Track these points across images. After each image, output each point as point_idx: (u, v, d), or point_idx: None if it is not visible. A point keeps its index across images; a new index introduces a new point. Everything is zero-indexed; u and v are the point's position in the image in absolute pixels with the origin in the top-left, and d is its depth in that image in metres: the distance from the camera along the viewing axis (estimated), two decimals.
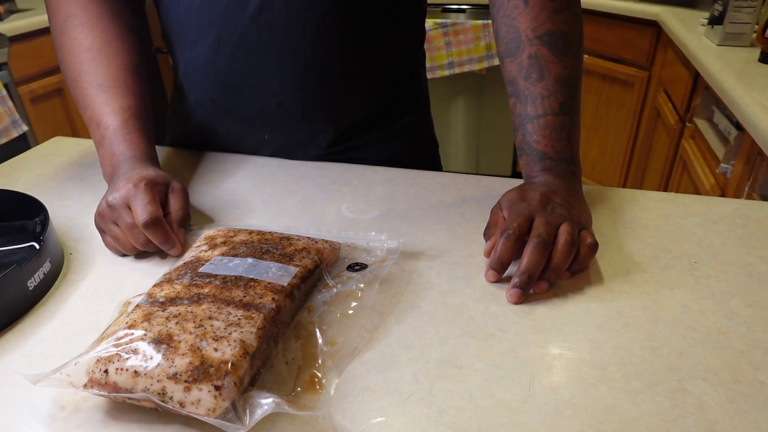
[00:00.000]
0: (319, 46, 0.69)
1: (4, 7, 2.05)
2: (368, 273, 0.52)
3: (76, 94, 0.66)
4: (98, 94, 0.65)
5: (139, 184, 0.56)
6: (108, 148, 0.63)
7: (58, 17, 0.68)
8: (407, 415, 0.39)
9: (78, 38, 0.66)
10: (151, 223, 0.54)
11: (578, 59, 0.62)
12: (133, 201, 0.55)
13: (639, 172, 2.04)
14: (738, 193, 1.17)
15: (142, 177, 0.57)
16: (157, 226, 0.55)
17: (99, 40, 0.66)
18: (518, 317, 0.48)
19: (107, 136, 0.63)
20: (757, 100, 1.08)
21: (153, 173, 0.59)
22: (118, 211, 0.56)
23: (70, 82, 0.67)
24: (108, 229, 0.57)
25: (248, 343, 0.40)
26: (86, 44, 0.66)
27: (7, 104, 1.81)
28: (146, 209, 0.54)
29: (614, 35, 2.05)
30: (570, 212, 0.54)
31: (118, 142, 0.63)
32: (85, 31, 0.66)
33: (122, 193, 0.56)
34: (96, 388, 0.38)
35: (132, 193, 0.56)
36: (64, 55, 0.67)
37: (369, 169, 0.74)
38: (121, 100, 0.65)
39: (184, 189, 0.61)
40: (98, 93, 0.65)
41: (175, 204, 0.59)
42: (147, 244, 0.56)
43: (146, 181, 0.57)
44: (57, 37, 0.68)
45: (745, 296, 0.50)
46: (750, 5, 1.42)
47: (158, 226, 0.55)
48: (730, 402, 0.40)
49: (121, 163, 0.62)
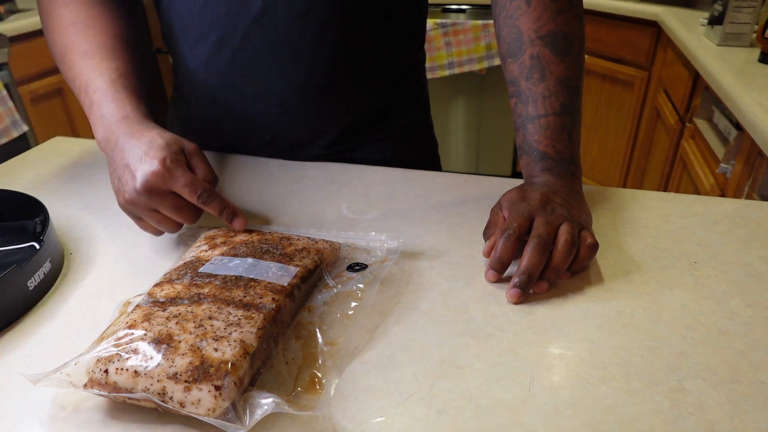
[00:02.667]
0: (321, 47, 0.69)
1: (4, 7, 2.05)
2: (368, 273, 0.52)
3: (65, 69, 0.64)
4: (85, 61, 0.62)
5: (164, 161, 0.52)
6: (98, 112, 0.59)
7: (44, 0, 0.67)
8: (407, 415, 0.39)
9: (63, 14, 0.65)
10: (207, 197, 0.53)
11: (580, 60, 0.62)
12: (171, 183, 0.52)
13: (639, 172, 2.04)
14: (738, 193, 1.17)
15: (157, 150, 0.53)
16: (214, 197, 0.53)
17: (85, 14, 0.65)
18: (518, 317, 0.48)
19: (95, 99, 0.59)
20: (756, 100, 1.08)
21: (162, 141, 0.54)
22: (156, 197, 0.52)
23: (58, 60, 0.65)
24: (146, 215, 0.54)
25: (248, 343, 0.40)
26: (71, 18, 0.64)
27: (8, 104, 1.81)
28: (194, 186, 0.52)
29: (614, 35, 2.05)
30: (570, 212, 0.54)
31: (107, 102, 0.58)
32: (70, 7, 0.65)
33: (150, 177, 0.52)
34: (96, 388, 0.38)
35: (164, 174, 0.52)
36: (50, 34, 0.66)
37: (369, 169, 0.74)
38: (108, 63, 0.61)
39: (199, 149, 0.58)
40: (85, 60, 0.62)
41: (199, 168, 0.56)
42: (197, 219, 0.55)
43: (169, 155, 0.53)
44: (44, 18, 0.67)
45: (745, 296, 0.50)
46: (750, 5, 1.42)
47: (214, 196, 0.54)
48: (730, 402, 0.40)
49: (115, 125, 0.57)
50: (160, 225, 0.55)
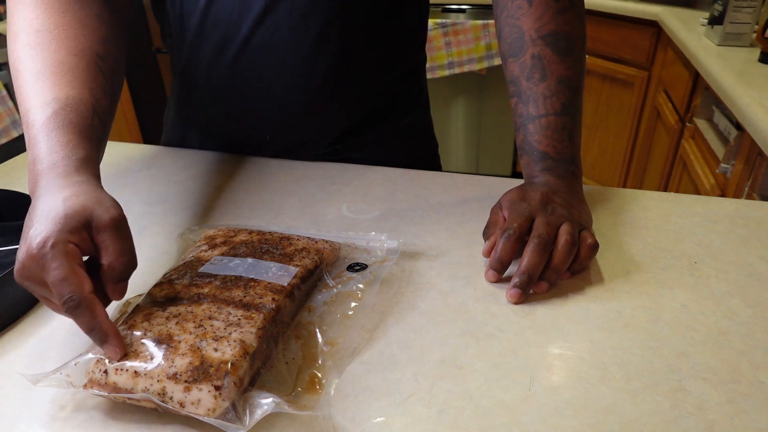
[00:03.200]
0: (322, 47, 0.69)
1: (4, 7, 2.05)
2: (368, 273, 0.52)
3: (17, 85, 0.51)
4: (33, 83, 0.49)
5: (43, 247, 0.39)
6: (31, 153, 0.47)
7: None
8: (407, 415, 0.39)
9: (28, 18, 0.53)
10: (74, 307, 0.38)
11: (581, 60, 0.62)
12: (43, 274, 0.39)
13: (639, 172, 2.04)
14: (738, 193, 1.17)
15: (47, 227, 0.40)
16: (83, 310, 0.38)
17: (53, 21, 0.53)
18: (518, 317, 0.48)
19: (32, 136, 0.47)
20: (757, 100, 1.08)
21: (62, 212, 0.41)
22: (35, 287, 0.41)
23: (12, 76, 0.52)
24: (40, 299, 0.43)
25: (248, 343, 0.40)
26: (36, 25, 0.52)
27: (7, 104, 1.81)
28: (61, 288, 0.38)
29: (614, 35, 2.05)
30: (570, 212, 0.55)
31: (40, 142, 0.46)
32: (37, 11, 0.53)
33: (26, 263, 0.40)
34: (96, 389, 0.38)
35: (36, 261, 0.39)
36: (9, 41, 0.54)
37: (369, 169, 0.74)
38: (57, 89, 0.49)
39: (117, 222, 0.42)
40: (34, 82, 0.49)
41: (108, 249, 0.42)
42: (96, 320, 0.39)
43: (52, 238, 0.39)
44: (8, 19, 0.55)
45: (745, 296, 0.50)
46: (750, 5, 1.42)
47: (83, 309, 0.38)
48: (730, 402, 0.40)
49: (40, 174, 0.45)
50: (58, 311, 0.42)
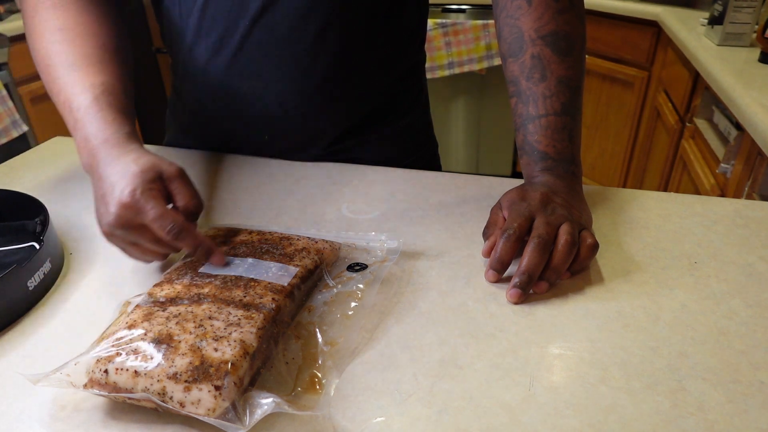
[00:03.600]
0: (321, 47, 0.69)
1: (4, 7, 2.05)
2: (368, 273, 0.52)
3: (48, 81, 0.59)
4: (69, 74, 0.57)
5: (134, 194, 0.48)
6: (81, 132, 0.54)
7: (29, 1, 0.63)
8: (407, 415, 0.39)
9: (49, 19, 0.60)
10: (178, 232, 0.48)
11: (581, 60, 0.62)
12: (141, 216, 0.48)
13: (639, 172, 2.04)
14: (738, 193, 1.17)
15: (129, 181, 0.49)
16: (186, 232, 0.48)
17: (73, 20, 0.60)
18: (518, 317, 0.48)
19: (79, 118, 0.55)
20: (757, 100, 1.08)
21: (137, 169, 0.49)
22: (130, 230, 0.49)
23: (41, 69, 0.60)
24: (127, 248, 0.52)
25: (248, 343, 0.40)
26: (58, 24, 0.60)
27: (7, 104, 1.81)
28: (163, 222, 0.47)
29: (614, 35, 2.05)
30: (570, 212, 0.55)
31: (89, 123, 0.54)
32: (57, 12, 0.61)
33: (121, 212, 0.48)
34: (96, 388, 0.38)
35: (132, 207, 0.48)
36: (34, 40, 0.61)
37: (369, 169, 0.74)
38: (93, 77, 0.57)
39: (181, 172, 0.52)
40: (69, 73, 0.57)
41: (181, 194, 0.52)
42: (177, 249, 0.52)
43: (139, 187, 0.48)
44: (28, 21, 0.63)
45: (745, 296, 0.50)
46: (750, 5, 1.42)
47: (186, 232, 0.48)
48: (730, 402, 0.40)
49: (96, 149, 0.53)
50: (145, 256, 0.52)
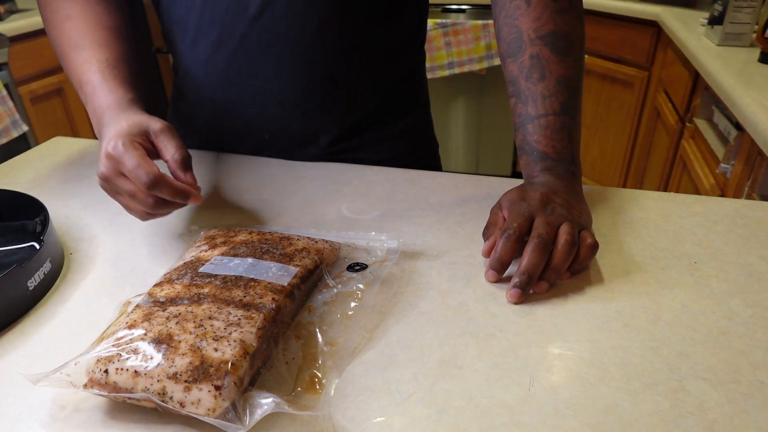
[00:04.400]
0: (320, 46, 0.69)
1: (4, 7, 2.05)
2: (368, 273, 0.52)
3: (65, 66, 0.66)
4: (78, 54, 0.64)
5: (117, 146, 0.51)
6: (91, 105, 0.60)
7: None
8: (407, 415, 0.39)
9: (59, 10, 0.67)
10: (152, 183, 0.50)
11: (580, 60, 0.62)
12: (120, 166, 0.51)
13: (639, 172, 2.04)
14: (738, 193, 1.17)
15: (116, 135, 0.52)
16: (161, 183, 0.50)
17: (79, 7, 0.67)
18: (518, 317, 0.48)
19: (89, 93, 0.61)
20: (757, 100, 1.08)
21: (125, 125, 0.54)
22: (112, 182, 0.52)
23: (59, 57, 0.67)
24: (118, 199, 0.54)
25: (248, 343, 0.40)
26: (66, 12, 0.66)
27: (7, 104, 1.81)
28: (137, 172, 0.50)
29: (614, 35, 2.05)
30: (570, 212, 0.55)
31: (97, 95, 0.60)
32: (66, 2, 0.67)
33: (106, 162, 0.52)
34: (96, 388, 0.38)
35: (113, 158, 0.51)
36: (49, 30, 0.68)
37: (369, 169, 0.74)
38: (99, 54, 0.63)
39: (167, 126, 0.55)
40: (78, 53, 0.64)
41: (167, 147, 0.54)
42: (157, 205, 0.52)
43: (122, 139, 0.52)
44: (42, 13, 0.69)
45: (745, 296, 0.50)
46: (750, 5, 1.42)
47: (161, 182, 0.50)
48: (730, 402, 0.40)
49: (102, 116, 0.58)
50: (128, 209, 0.54)
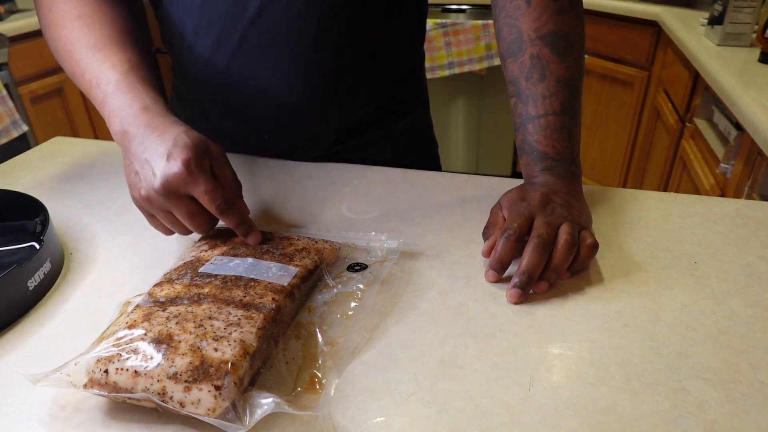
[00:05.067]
0: (319, 47, 0.69)
1: (4, 7, 2.05)
2: (368, 273, 0.52)
3: (72, 65, 0.61)
4: (94, 54, 0.60)
5: (188, 162, 0.49)
6: (113, 104, 0.56)
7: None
8: (407, 415, 0.39)
9: (66, 9, 0.63)
10: (226, 208, 0.51)
11: (580, 60, 0.62)
12: (192, 187, 0.50)
13: (639, 172, 2.04)
14: (738, 193, 1.17)
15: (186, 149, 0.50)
16: (233, 209, 0.51)
17: (89, 7, 0.63)
18: (518, 317, 0.48)
19: (109, 92, 0.56)
20: (757, 100, 1.08)
21: (189, 140, 0.51)
22: (173, 199, 0.50)
23: (63, 55, 0.62)
24: (160, 215, 0.53)
25: (248, 343, 0.40)
26: (76, 12, 0.63)
27: (7, 104, 1.81)
28: (214, 194, 0.50)
29: (614, 35, 2.05)
30: (570, 212, 0.55)
31: (122, 94, 0.56)
32: (74, 2, 0.63)
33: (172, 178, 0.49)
34: (96, 388, 0.38)
35: (186, 177, 0.49)
36: (53, 29, 0.64)
37: (369, 169, 0.74)
38: (119, 55, 0.59)
39: (223, 153, 0.55)
40: (93, 54, 0.60)
41: (225, 174, 0.54)
42: (210, 229, 0.54)
43: (194, 158, 0.50)
44: (45, 14, 0.65)
45: (745, 296, 0.50)
46: (750, 5, 1.42)
47: (234, 208, 0.51)
48: (730, 402, 0.40)
49: (134, 116, 0.54)
50: (173, 226, 0.54)
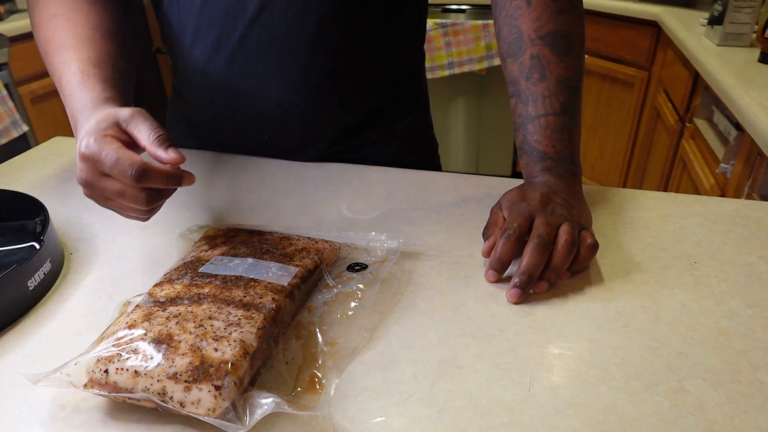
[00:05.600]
0: (319, 47, 0.69)
1: (4, 7, 2.05)
2: (368, 273, 0.52)
3: (48, 65, 0.62)
4: (59, 54, 0.60)
5: (89, 144, 0.47)
6: (69, 107, 0.56)
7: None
8: (407, 415, 0.39)
9: (46, 8, 0.63)
10: (139, 173, 0.45)
11: (580, 60, 0.62)
12: (100, 165, 0.47)
13: (639, 172, 2.04)
14: (738, 193, 1.17)
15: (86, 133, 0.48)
16: (148, 171, 0.46)
17: (66, 6, 0.63)
18: (518, 317, 0.48)
19: (67, 93, 0.57)
20: (756, 100, 1.08)
21: (94, 121, 0.49)
22: (96, 185, 0.48)
23: (42, 54, 0.63)
24: (106, 204, 0.51)
25: (248, 343, 0.40)
26: (53, 12, 0.63)
27: (7, 104, 1.81)
28: (120, 165, 0.45)
29: (614, 35, 2.05)
30: (570, 212, 0.55)
31: (75, 96, 0.56)
32: (52, 1, 0.64)
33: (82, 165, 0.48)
34: (96, 388, 0.38)
35: (93, 159, 0.47)
36: (36, 32, 0.64)
37: (369, 169, 0.74)
38: (80, 53, 0.59)
39: (137, 111, 0.50)
40: (59, 53, 0.60)
41: (141, 131, 0.49)
42: (150, 198, 0.48)
43: (93, 135, 0.47)
44: (30, 15, 0.66)
45: (745, 296, 0.50)
46: (750, 5, 1.42)
47: (148, 170, 0.46)
48: (730, 402, 0.40)
49: (76, 118, 0.54)
50: (123, 213, 0.51)
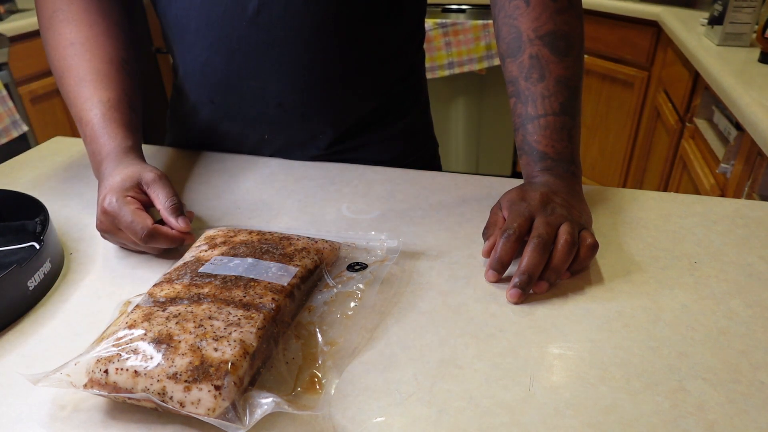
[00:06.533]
0: (318, 46, 0.69)
1: (4, 7, 2.05)
2: (368, 273, 0.52)
3: (63, 91, 0.66)
4: (80, 88, 0.64)
5: (111, 202, 0.54)
6: (92, 146, 0.62)
7: (45, 13, 0.67)
8: (407, 415, 0.39)
9: (63, 33, 0.66)
10: (148, 237, 0.53)
11: (579, 60, 0.62)
12: (117, 223, 0.54)
13: (639, 172, 2.04)
14: (738, 193, 1.17)
15: (110, 190, 0.56)
16: (156, 236, 0.54)
17: (83, 34, 0.66)
18: (518, 317, 0.48)
19: (88, 133, 0.62)
20: (756, 100, 1.08)
21: (119, 179, 0.57)
22: (114, 236, 0.56)
23: (57, 78, 0.67)
24: (121, 245, 0.58)
25: (248, 343, 0.40)
26: (70, 38, 0.65)
27: (7, 104, 1.81)
28: (133, 227, 0.53)
29: (614, 35, 2.05)
30: (570, 212, 0.55)
31: (97, 138, 0.62)
32: (70, 26, 0.66)
33: (103, 218, 0.55)
34: (96, 388, 0.38)
35: (107, 217, 0.55)
36: (50, 51, 0.67)
37: (369, 169, 0.74)
38: (101, 93, 0.63)
39: (159, 176, 0.58)
40: (80, 87, 0.64)
41: (159, 196, 0.57)
42: (155, 250, 0.57)
43: (115, 195, 0.55)
44: (44, 33, 0.68)
45: (745, 296, 0.50)
46: (750, 5, 1.42)
47: (156, 235, 0.54)
48: (730, 402, 0.40)
49: (101, 163, 0.61)
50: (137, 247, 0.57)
